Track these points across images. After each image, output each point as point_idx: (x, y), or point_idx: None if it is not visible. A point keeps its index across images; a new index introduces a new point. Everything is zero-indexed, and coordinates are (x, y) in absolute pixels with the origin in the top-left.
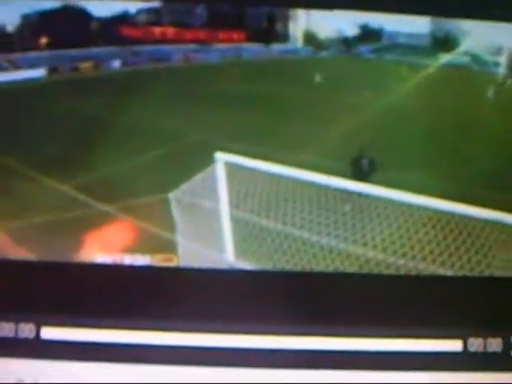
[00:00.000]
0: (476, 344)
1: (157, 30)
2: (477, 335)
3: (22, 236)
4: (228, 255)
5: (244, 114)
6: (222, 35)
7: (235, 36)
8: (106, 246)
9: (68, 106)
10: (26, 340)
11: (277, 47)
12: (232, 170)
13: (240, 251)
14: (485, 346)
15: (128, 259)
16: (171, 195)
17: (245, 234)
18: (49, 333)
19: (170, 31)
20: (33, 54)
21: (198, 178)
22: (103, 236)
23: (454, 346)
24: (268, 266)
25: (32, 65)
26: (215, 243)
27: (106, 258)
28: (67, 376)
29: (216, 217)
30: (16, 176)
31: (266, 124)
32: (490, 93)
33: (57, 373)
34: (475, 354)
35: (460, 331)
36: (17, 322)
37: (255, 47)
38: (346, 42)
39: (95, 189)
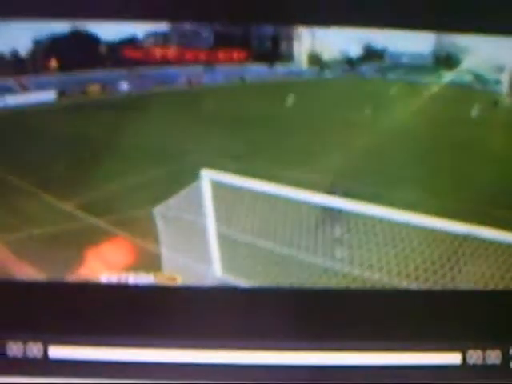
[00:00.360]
0: (475, 356)
1: (159, 52)
2: (476, 347)
3: (23, 251)
4: (215, 270)
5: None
6: (225, 55)
7: (239, 56)
8: (104, 262)
9: (74, 128)
10: (34, 359)
11: (281, 68)
12: (217, 187)
13: (227, 266)
14: (484, 359)
15: (132, 278)
16: (156, 210)
17: (232, 250)
18: (56, 352)
19: (172, 52)
20: (43, 78)
21: (183, 193)
22: (102, 252)
23: (453, 358)
24: (256, 282)
25: (42, 88)
26: (202, 258)
27: (111, 277)
28: None
29: (202, 232)
30: (20, 194)
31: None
32: (475, 112)
33: None
34: (474, 366)
35: (459, 344)
36: (25, 341)
37: (259, 68)
38: (350, 62)
39: (95, 207)
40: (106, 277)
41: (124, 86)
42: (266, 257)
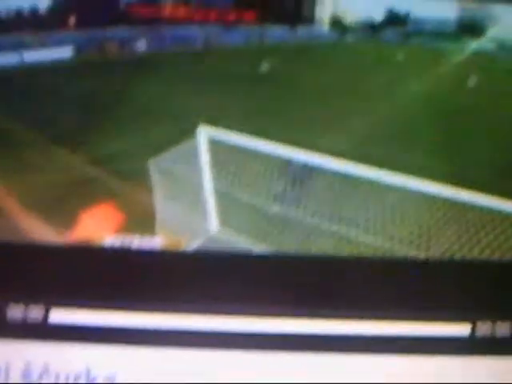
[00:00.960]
0: (484, 328)
1: (177, 10)
2: (485, 319)
3: (32, 201)
4: (212, 225)
5: (258, 95)
6: (246, 16)
7: (259, 17)
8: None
9: (89, 85)
10: (34, 323)
11: (302, 31)
12: (214, 143)
13: (224, 222)
14: (493, 331)
15: (136, 242)
16: (151, 162)
17: (228, 207)
18: (57, 316)
19: (191, 11)
20: (60, 34)
21: (180, 148)
22: (105, 204)
23: (462, 330)
24: (252, 240)
25: (59, 44)
26: (198, 213)
27: (115, 240)
28: (76, 359)
29: (198, 188)
30: (33, 147)
31: (279, 104)
32: (472, 82)
33: (65, 356)
34: (483, 338)
35: (468, 315)
36: (25, 304)
37: (280, 30)
38: (372, 27)
39: (102, 160)
40: (110, 240)
41: (141, 44)
42: (263, 216)
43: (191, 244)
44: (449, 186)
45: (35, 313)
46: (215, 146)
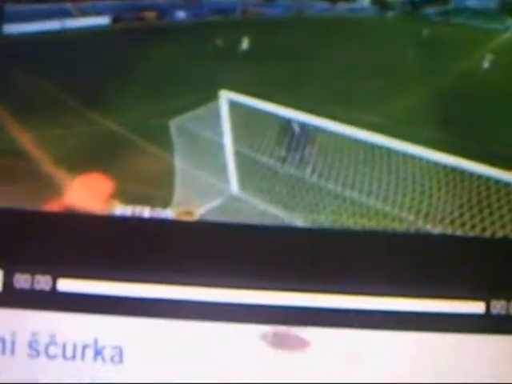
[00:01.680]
0: (499, 306)
1: None
2: (500, 297)
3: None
4: (232, 186)
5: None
6: None
7: None
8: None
9: (123, 51)
10: (41, 292)
11: (343, 5)
12: (235, 106)
13: (244, 184)
14: (508, 309)
15: (147, 212)
16: (172, 122)
17: (249, 169)
18: (65, 285)
19: None
20: (99, 3)
21: (201, 110)
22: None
23: (477, 307)
24: (269, 201)
25: (98, 13)
26: (218, 174)
27: (126, 210)
28: (83, 329)
29: (219, 149)
30: (66, 110)
31: (309, 77)
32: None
33: (72, 326)
34: (498, 316)
35: (483, 293)
36: (33, 273)
37: (321, 4)
38: (413, 3)
39: (129, 123)
40: (120, 209)
41: (180, 14)
42: (279, 178)
43: (209, 205)
44: (472, 161)
45: (43, 282)
46: (236, 108)
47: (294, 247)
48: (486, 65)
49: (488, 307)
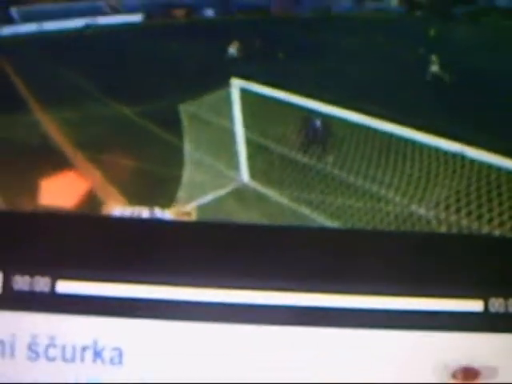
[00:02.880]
0: (497, 304)
1: None
2: (498, 295)
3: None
4: (242, 174)
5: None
6: None
7: None
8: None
9: (155, 48)
10: (41, 294)
11: (370, 4)
12: (246, 95)
13: (254, 172)
14: (506, 307)
15: (146, 213)
16: (182, 107)
17: (259, 157)
18: (65, 286)
19: None
20: (132, 1)
21: (212, 96)
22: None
23: (475, 306)
24: (279, 190)
25: (131, 10)
26: (229, 161)
27: (125, 211)
28: (83, 331)
29: (229, 136)
30: (88, 98)
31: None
32: None
33: (72, 327)
34: (496, 314)
35: (481, 291)
36: (32, 275)
37: (347, 3)
38: (441, 3)
39: (150, 115)
40: (119, 210)
41: (209, 12)
42: (291, 166)
43: (219, 192)
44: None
45: (42, 284)
46: (247, 96)
47: (294, 247)
48: None
49: (486, 305)
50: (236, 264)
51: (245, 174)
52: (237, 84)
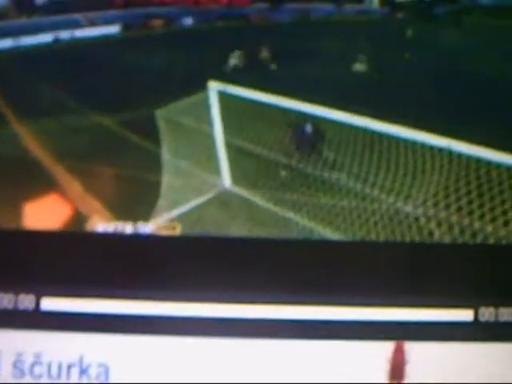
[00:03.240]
0: (487, 313)
1: None
2: (488, 304)
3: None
4: (224, 179)
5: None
6: None
7: None
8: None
9: (133, 58)
10: (25, 311)
11: (350, 7)
12: (224, 98)
13: (236, 177)
14: (496, 316)
15: (129, 228)
16: (158, 112)
17: (240, 161)
18: (49, 303)
19: None
20: (109, 13)
21: (189, 100)
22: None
23: (465, 315)
24: (262, 194)
25: (108, 22)
26: (209, 166)
27: (108, 226)
28: (68, 348)
29: (208, 140)
30: (70, 110)
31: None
32: None
33: (57, 344)
34: (486, 323)
35: (471, 300)
36: (16, 293)
37: (327, 7)
38: (423, 3)
39: (131, 123)
40: (103, 226)
41: (188, 21)
42: (275, 169)
43: (201, 198)
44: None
45: (26, 302)
46: (225, 98)
47: (284, 260)
48: None
49: (476, 314)
50: (223, 277)
51: (227, 180)
52: (214, 87)
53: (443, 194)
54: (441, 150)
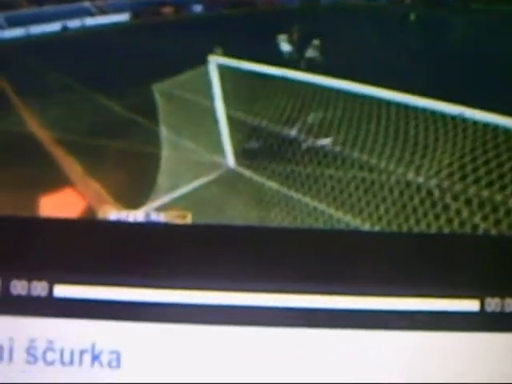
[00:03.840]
0: (493, 304)
1: None
2: (494, 295)
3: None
4: (228, 159)
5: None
6: None
7: None
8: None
9: (143, 46)
10: (38, 298)
11: None
12: (225, 71)
13: (240, 155)
14: (502, 306)
15: (141, 216)
16: (155, 87)
17: (243, 135)
18: (62, 291)
19: None
20: (118, 1)
21: (188, 75)
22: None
23: (471, 305)
24: (266, 170)
25: (118, 10)
26: (212, 145)
27: (120, 214)
28: (80, 335)
29: (212, 115)
30: (79, 95)
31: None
32: None
33: (70, 331)
34: (492, 313)
35: (477, 291)
36: (29, 279)
37: None
38: None
39: (136, 106)
40: (115, 214)
41: (197, 7)
42: (277, 142)
43: (203, 179)
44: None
45: (39, 288)
46: (225, 72)
47: (291, 248)
48: None
49: (482, 305)
50: (233, 266)
51: (230, 159)
52: (214, 60)
53: (458, 164)
54: (454, 117)
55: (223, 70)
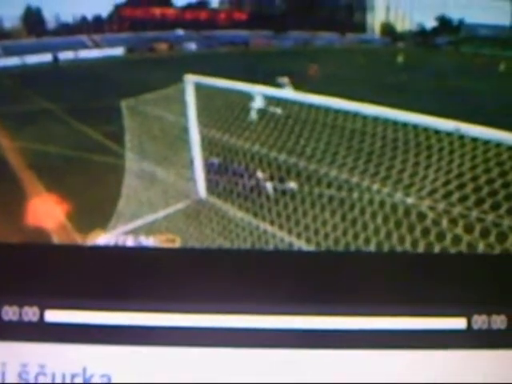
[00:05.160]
0: (480, 321)
1: (236, 15)
2: (481, 312)
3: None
4: (198, 189)
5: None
6: (295, 23)
7: (310, 24)
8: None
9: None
10: (30, 323)
11: (353, 36)
12: (201, 90)
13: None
14: (489, 324)
15: (131, 241)
16: (124, 103)
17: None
18: (53, 316)
19: (242, 16)
20: (115, 36)
21: (162, 92)
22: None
23: (458, 323)
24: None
25: (113, 45)
26: (182, 173)
27: (109, 239)
28: (72, 359)
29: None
30: (58, 121)
31: None
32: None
33: (61, 356)
34: (479, 331)
35: (464, 309)
36: (20, 305)
37: (330, 36)
38: (424, 34)
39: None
40: (104, 239)
41: (192, 46)
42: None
43: (172, 208)
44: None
45: (30, 314)
46: (201, 91)
47: (286, 270)
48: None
49: (469, 323)
50: (225, 289)
51: (201, 189)
52: (190, 80)
53: (456, 183)
54: (449, 133)
55: (199, 89)
